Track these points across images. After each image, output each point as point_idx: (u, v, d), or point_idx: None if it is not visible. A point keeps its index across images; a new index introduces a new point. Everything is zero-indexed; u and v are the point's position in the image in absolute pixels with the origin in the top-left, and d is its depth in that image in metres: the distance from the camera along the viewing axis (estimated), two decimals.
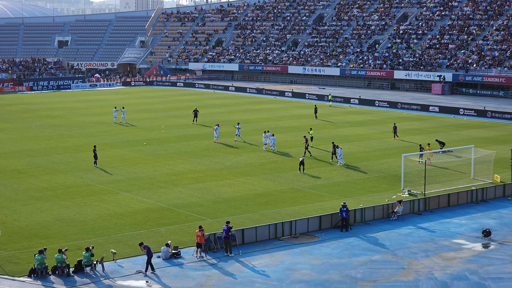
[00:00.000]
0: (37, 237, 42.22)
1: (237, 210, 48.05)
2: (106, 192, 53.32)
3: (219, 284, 34.92)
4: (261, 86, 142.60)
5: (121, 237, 42.06)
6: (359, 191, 53.46)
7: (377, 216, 46.45)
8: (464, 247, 40.70)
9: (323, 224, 44.15)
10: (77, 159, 66.01)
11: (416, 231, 43.96)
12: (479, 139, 76.04)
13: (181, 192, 53.03)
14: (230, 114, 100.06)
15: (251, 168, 61.54)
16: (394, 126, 77.67)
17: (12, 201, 50.66)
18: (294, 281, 35.22)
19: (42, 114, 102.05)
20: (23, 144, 74.65)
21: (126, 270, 36.83)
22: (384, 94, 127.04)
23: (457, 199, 50.29)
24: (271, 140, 69.79)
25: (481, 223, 45.23)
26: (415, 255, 39.14)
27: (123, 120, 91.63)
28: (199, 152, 69.54)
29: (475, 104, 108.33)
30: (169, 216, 46.65)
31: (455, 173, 58.93)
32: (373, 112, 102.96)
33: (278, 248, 40.66)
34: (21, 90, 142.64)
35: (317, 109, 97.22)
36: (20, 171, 60.97)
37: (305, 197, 51.53)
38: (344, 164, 62.80)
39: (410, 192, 52.43)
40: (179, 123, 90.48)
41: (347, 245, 41.05)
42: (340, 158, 62.73)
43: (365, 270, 36.82)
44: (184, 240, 41.53)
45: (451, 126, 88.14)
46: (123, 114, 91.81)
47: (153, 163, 64.07)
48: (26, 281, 35.38)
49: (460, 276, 35.80)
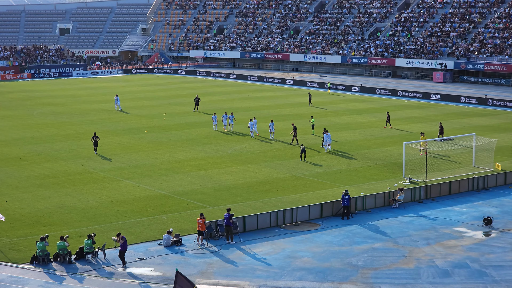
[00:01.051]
0: (39, 224, 42.30)
1: (239, 198, 48.10)
2: (107, 179, 53.37)
3: (220, 271, 34.99)
4: (262, 74, 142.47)
5: (122, 225, 42.12)
6: (360, 179, 53.48)
7: (378, 204, 46.49)
8: (465, 235, 40.75)
9: (324, 212, 44.19)
10: (79, 146, 66.05)
11: (417, 219, 44.00)
12: (481, 127, 75.99)
13: (183, 180, 53.08)
14: (231, 102, 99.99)
15: (253, 156, 61.55)
16: (387, 115, 77.43)
17: (14, 189, 50.73)
18: (295, 269, 35.29)
19: (43, 101, 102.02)
20: (25, 132, 74.68)
21: (128, 257, 36.86)
22: (386, 82, 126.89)
23: (458, 187, 50.31)
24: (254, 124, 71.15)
25: (482, 211, 45.27)
26: (416, 243, 39.18)
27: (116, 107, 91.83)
28: (201, 139, 69.56)
29: (476, 92, 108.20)
30: (170, 204, 46.70)
31: (456, 161, 58.92)
32: (374, 100, 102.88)
33: (279, 235, 40.72)
34: (23, 77, 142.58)
35: (311, 96, 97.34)
36: (21, 158, 61.02)
37: (306, 185, 51.55)
38: (330, 150, 63.24)
39: (411, 180, 52.43)
40: (180, 110, 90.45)
41: (348, 233, 41.10)
42: (327, 144, 62.93)
43: (366, 258, 36.88)
44: (186, 227, 41.59)
45: (453, 114, 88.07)
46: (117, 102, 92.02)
47: (155, 150, 64.10)
48: (28, 268, 35.46)
49: (461, 264, 35.86)
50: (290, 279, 33.96)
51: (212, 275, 34.45)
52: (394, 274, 34.48)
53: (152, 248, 38.33)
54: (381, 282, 33.48)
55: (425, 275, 34.34)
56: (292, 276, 34.34)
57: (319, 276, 34.31)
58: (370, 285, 33.08)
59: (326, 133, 63.54)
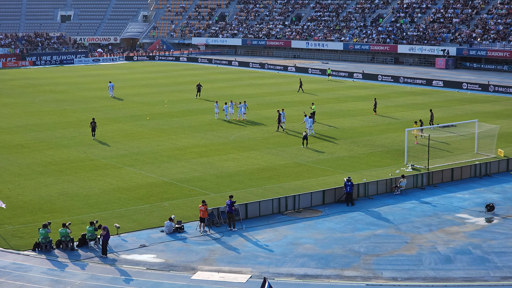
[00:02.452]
0: (41, 211, 42.33)
1: (241, 185, 48.10)
2: (109, 166, 53.38)
3: (222, 258, 35.01)
4: (264, 61, 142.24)
5: (124, 212, 42.15)
6: (362, 165, 53.45)
7: (380, 190, 46.47)
8: (467, 221, 40.74)
9: (327, 198, 44.19)
10: (81, 133, 66.03)
11: (420, 205, 43.99)
12: (483, 114, 75.88)
13: (184, 167, 53.07)
14: (233, 89, 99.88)
15: (255, 143, 61.52)
16: (374, 101, 77.26)
17: (16, 176, 50.75)
18: (298, 255, 35.30)
19: (45, 89, 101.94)
20: (27, 119, 74.67)
21: (130, 244, 36.94)
22: (388, 69, 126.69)
23: (460, 174, 50.27)
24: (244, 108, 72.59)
25: (485, 198, 45.24)
26: (418, 230, 39.18)
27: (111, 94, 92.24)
28: (203, 126, 69.52)
29: (479, 79, 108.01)
30: (172, 191, 46.71)
31: (458, 147, 58.85)
32: (376, 87, 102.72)
33: (281, 222, 40.72)
34: (24, 65, 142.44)
35: (301, 82, 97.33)
36: (23, 145, 61.03)
37: (308, 172, 51.53)
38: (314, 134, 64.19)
39: (413, 167, 52.40)
40: (182, 97, 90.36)
41: (350, 220, 41.10)
42: (309, 128, 63.86)
43: (368, 244, 36.88)
44: (188, 214, 41.60)
45: (455, 100, 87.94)
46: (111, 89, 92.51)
47: (156, 137, 64.08)
48: (30, 255, 35.51)
49: (463, 250, 35.86)
50: (292, 265, 33.98)
51: (214, 261, 34.48)
52: (396, 261, 34.49)
53: (154, 235, 38.36)
54: (383, 268, 33.50)
55: (427, 262, 34.35)
56: (294, 262, 34.36)
57: (321, 262, 34.33)
58: (372, 272, 33.10)
59: (307, 117, 64.83)
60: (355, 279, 32.26)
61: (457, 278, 32.42)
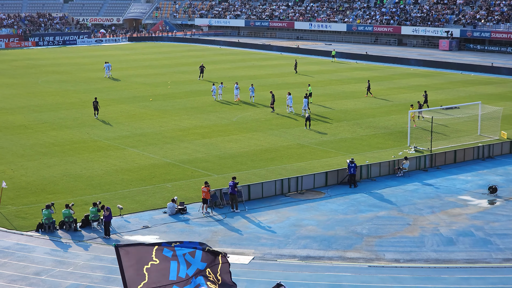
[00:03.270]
0: (44, 192, 42.41)
1: (243, 166, 48.12)
2: (112, 148, 53.41)
3: (225, 239, 35.08)
4: (267, 42, 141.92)
5: (127, 193, 42.21)
6: (365, 147, 53.43)
7: (383, 172, 46.47)
8: (470, 203, 40.76)
9: (329, 180, 44.20)
10: (84, 114, 66.04)
11: (422, 187, 44.01)
12: (486, 96, 75.73)
13: (187, 148, 53.08)
14: (236, 70, 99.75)
15: (257, 124, 61.49)
16: (368, 83, 77.06)
17: (19, 157, 50.81)
18: (300, 237, 35.36)
19: (48, 69, 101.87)
20: (30, 100, 74.65)
21: (133, 225, 37.01)
22: (391, 50, 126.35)
23: (463, 156, 50.24)
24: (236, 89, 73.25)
25: (487, 180, 45.24)
26: (420, 211, 39.21)
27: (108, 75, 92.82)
28: (206, 107, 69.47)
29: (482, 60, 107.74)
30: (175, 172, 46.75)
31: (461, 129, 58.79)
32: (379, 68, 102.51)
33: (284, 204, 40.77)
34: (27, 45, 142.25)
35: (297, 63, 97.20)
36: (26, 126, 61.05)
37: (311, 153, 51.53)
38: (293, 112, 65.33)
39: (416, 149, 52.35)
40: (185, 79, 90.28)
41: (353, 201, 41.14)
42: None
43: (371, 226, 36.93)
44: (190, 196, 41.65)
45: (458, 82, 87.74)
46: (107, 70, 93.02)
47: (159, 119, 64.06)
48: (34, 235, 35.60)
49: (466, 232, 35.89)
50: (295, 247, 34.04)
51: (216, 243, 34.54)
52: (399, 242, 34.54)
53: (157, 216, 38.43)
54: (386, 250, 33.56)
55: (429, 243, 34.40)
56: (296, 244, 34.42)
57: (323, 244, 34.39)
58: (375, 253, 33.17)
59: (288, 95, 66.37)
60: (358, 261, 32.33)
61: (459, 260, 32.47)
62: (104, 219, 35.55)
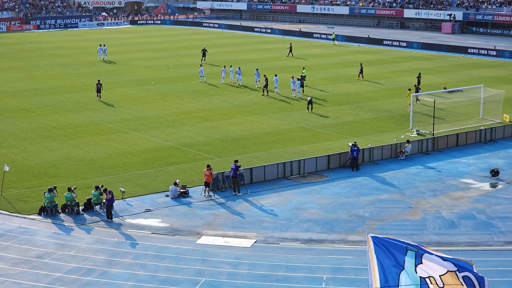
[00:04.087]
0: (46, 175, 42.44)
1: (246, 149, 48.11)
2: (114, 131, 53.40)
3: (227, 223, 35.11)
4: (269, 25, 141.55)
5: (129, 176, 42.24)
6: (367, 130, 53.38)
7: (385, 155, 46.45)
8: (472, 186, 40.76)
9: (332, 163, 44.19)
10: (85, 98, 66.01)
11: (424, 170, 43.99)
12: (489, 79, 75.57)
13: (189, 131, 53.07)
14: (238, 53, 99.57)
15: (260, 107, 61.43)
16: (360, 66, 76.89)
17: (21, 140, 50.82)
18: (302, 220, 35.39)
19: (49, 53, 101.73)
20: (31, 83, 74.59)
21: (135, 208, 37.06)
22: (394, 33, 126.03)
23: (465, 139, 50.19)
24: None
25: (489, 163, 45.21)
26: (422, 195, 39.22)
27: (102, 57, 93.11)
28: (208, 91, 69.40)
29: (485, 43, 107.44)
30: (177, 155, 46.75)
31: (464, 112, 58.71)
32: (382, 52, 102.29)
33: (286, 187, 40.77)
34: (28, 28, 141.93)
35: (291, 47, 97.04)
36: (28, 110, 61.03)
37: (313, 136, 51.50)
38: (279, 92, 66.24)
39: (418, 132, 52.31)
40: (187, 62, 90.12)
41: (355, 185, 41.14)
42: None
43: (373, 209, 36.95)
44: (192, 179, 41.66)
45: (461, 65, 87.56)
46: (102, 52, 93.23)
47: (161, 102, 64.02)
48: (36, 219, 35.66)
49: (468, 215, 35.91)
50: (297, 230, 34.08)
51: (219, 226, 34.59)
52: (401, 225, 34.58)
53: (159, 199, 38.46)
54: (388, 233, 33.55)
55: (431, 226, 34.43)
56: (299, 227, 34.46)
57: (326, 227, 34.43)
58: None
59: (275, 76, 67.79)
60: (360, 244, 32.36)
61: (461, 242, 32.52)
62: (106, 203, 35.58)
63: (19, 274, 28.97)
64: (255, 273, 29.09)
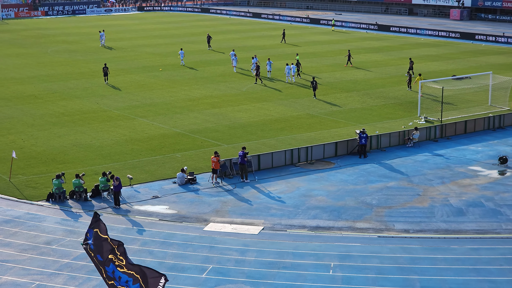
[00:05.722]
0: (54, 162, 42.51)
1: (253, 136, 48.08)
2: (122, 117, 53.42)
3: (234, 210, 35.13)
4: (277, 11, 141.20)
5: (137, 163, 42.27)
6: (375, 117, 53.27)
7: (393, 143, 46.37)
8: (480, 174, 40.66)
9: (339, 150, 44.13)
10: (93, 84, 66.03)
11: (432, 158, 43.89)
12: (497, 66, 75.25)
13: (197, 118, 53.05)
14: (246, 40, 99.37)
15: (267, 94, 61.35)
16: (348, 53, 76.63)
17: (29, 126, 50.89)
18: (310, 207, 35.38)
19: (57, 39, 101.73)
20: (39, 70, 74.64)
21: (143, 195, 37.10)
22: (402, 20, 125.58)
23: (474, 126, 50.05)
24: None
25: (498, 150, 45.08)
26: (430, 182, 39.15)
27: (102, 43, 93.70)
28: (215, 77, 69.33)
29: (494, 30, 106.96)
30: (184, 142, 46.75)
31: (472, 100, 58.52)
32: (390, 38, 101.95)
33: (294, 174, 40.75)
34: (36, 15, 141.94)
35: (285, 33, 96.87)
36: (36, 96, 61.09)
37: (321, 123, 51.43)
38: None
39: (426, 119, 52.19)
40: (195, 48, 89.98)
41: (363, 172, 41.08)
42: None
43: (381, 196, 36.91)
44: (200, 166, 41.67)
45: (469, 52, 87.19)
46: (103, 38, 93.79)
47: (169, 88, 63.99)
48: (44, 205, 35.75)
49: (476, 203, 35.84)
50: (305, 217, 34.08)
51: (226, 213, 34.61)
52: (408, 213, 34.54)
53: (167, 186, 38.49)
54: (395, 220, 33.55)
55: (439, 214, 34.37)
56: (306, 214, 34.46)
57: (333, 214, 34.42)
58: (384, 224, 33.17)
59: (268, 61, 68.75)
60: (367, 231, 32.36)
61: (469, 230, 32.46)
62: (113, 189, 35.62)
63: (27, 260, 29.07)
64: (263, 260, 29.12)
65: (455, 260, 29.13)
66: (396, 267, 28.41)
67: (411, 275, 27.62)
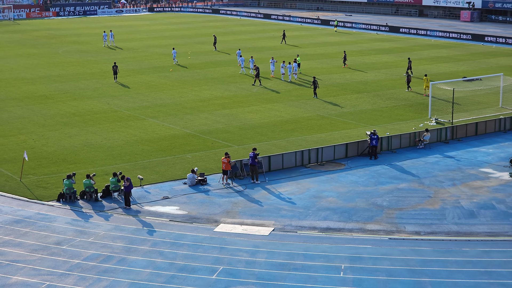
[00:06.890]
0: (65, 162, 42.58)
1: (264, 137, 48.05)
2: (132, 118, 53.48)
3: (245, 211, 35.10)
4: (287, 13, 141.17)
5: (148, 163, 42.29)
6: (385, 119, 53.17)
7: (403, 144, 46.26)
8: (491, 176, 40.52)
9: (350, 151, 44.06)
10: (104, 85, 66.15)
11: (443, 159, 43.77)
12: (508, 67, 75.01)
13: (207, 119, 53.06)
14: (256, 41, 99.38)
15: (277, 95, 61.32)
16: (344, 54, 76.75)
17: (40, 127, 51.01)
18: (320, 209, 35.32)
19: (68, 40, 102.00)
20: (50, 70, 74.83)
21: (153, 196, 37.11)
22: (412, 21, 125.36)
23: (485, 128, 49.89)
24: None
25: (509, 152, 44.91)
26: (441, 184, 39.03)
27: (111, 43, 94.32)
28: (226, 78, 69.35)
29: (504, 32, 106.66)
30: (195, 143, 46.76)
31: (483, 101, 58.35)
32: (400, 40, 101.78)
33: (304, 175, 40.70)
34: (48, 15, 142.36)
35: (285, 34, 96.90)
36: (47, 96, 61.23)
37: (331, 125, 51.37)
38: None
39: (437, 121, 52.07)
40: (205, 49, 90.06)
41: (374, 173, 41.00)
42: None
43: (391, 198, 36.82)
44: (210, 166, 41.66)
45: (480, 54, 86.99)
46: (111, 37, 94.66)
47: (180, 89, 64.04)
48: (55, 205, 35.79)
49: (487, 205, 35.71)
50: (315, 219, 34.02)
51: (237, 214, 34.59)
52: (419, 215, 34.43)
53: (177, 187, 38.49)
54: (406, 222, 33.46)
55: (450, 216, 34.26)
56: (317, 216, 34.40)
57: (344, 216, 34.35)
58: (395, 225, 33.09)
59: (272, 59, 70.20)
60: (378, 233, 32.28)
61: (480, 232, 32.34)
62: (124, 190, 35.65)
63: (37, 261, 29.10)
64: (273, 262, 29.07)
65: (466, 263, 29.02)
66: (407, 270, 28.33)
67: (422, 278, 27.53)
